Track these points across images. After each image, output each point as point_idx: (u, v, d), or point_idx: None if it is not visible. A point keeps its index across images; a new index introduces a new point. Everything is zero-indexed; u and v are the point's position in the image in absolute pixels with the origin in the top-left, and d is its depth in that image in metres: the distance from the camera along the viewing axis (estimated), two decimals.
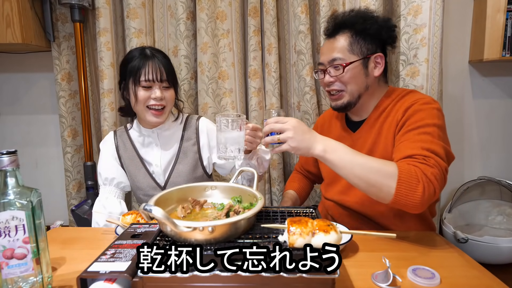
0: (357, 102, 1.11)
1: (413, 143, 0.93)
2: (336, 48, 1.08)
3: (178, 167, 1.29)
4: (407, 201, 0.85)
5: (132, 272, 0.63)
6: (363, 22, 1.08)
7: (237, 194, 0.89)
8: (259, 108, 1.82)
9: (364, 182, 0.88)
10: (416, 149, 0.91)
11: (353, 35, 1.08)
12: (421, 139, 0.94)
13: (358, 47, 1.08)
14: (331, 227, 0.63)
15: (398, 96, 1.10)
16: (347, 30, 1.09)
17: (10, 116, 2.13)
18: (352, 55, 1.07)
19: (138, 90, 1.19)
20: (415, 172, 0.86)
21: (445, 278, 0.74)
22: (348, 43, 1.08)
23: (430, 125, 0.96)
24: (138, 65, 1.18)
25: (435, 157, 0.89)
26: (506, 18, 1.75)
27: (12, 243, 0.66)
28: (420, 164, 0.87)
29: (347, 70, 1.07)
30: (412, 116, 1.00)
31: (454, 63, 1.98)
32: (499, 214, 1.96)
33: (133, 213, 1.01)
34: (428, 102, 1.02)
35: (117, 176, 1.29)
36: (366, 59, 1.08)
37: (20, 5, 1.67)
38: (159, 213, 0.62)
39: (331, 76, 1.10)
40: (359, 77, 1.09)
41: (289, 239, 0.62)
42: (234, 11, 1.76)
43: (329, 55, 1.10)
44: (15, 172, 0.67)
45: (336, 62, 1.08)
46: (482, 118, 2.04)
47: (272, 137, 0.93)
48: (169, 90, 1.23)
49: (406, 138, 0.97)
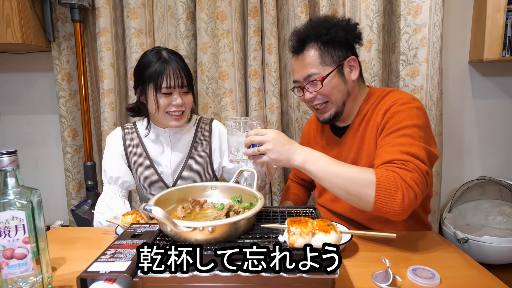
0: (343, 110, 1.09)
1: (392, 147, 0.92)
2: (308, 64, 1.06)
3: (187, 169, 1.27)
4: (387, 209, 0.84)
5: (132, 272, 0.63)
6: (327, 32, 1.05)
7: (237, 194, 0.89)
8: (259, 108, 1.82)
9: (344, 192, 0.87)
10: (395, 153, 0.90)
11: (320, 47, 1.05)
12: (400, 142, 0.92)
13: (329, 57, 1.05)
14: (331, 227, 0.63)
15: (378, 98, 1.08)
16: (313, 42, 1.06)
17: (10, 116, 2.13)
18: (326, 67, 1.05)
19: (159, 97, 1.16)
20: (393, 178, 0.84)
21: (445, 278, 0.74)
22: (318, 56, 1.05)
23: (409, 127, 0.94)
24: (159, 71, 1.13)
25: (414, 161, 0.87)
26: (506, 18, 1.75)
27: (12, 243, 0.66)
28: (399, 170, 0.86)
29: (326, 83, 1.05)
30: (391, 118, 0.98)
31: (454, 63, 1.98)
32: (499, 214, 1.96)
33: (133, 213, 1.01)
34: (406, 102, 1.00)
35: (122, 175, 1.25)
36: (340, 67, 1.06)
37: (20, 5, 1.67)
38: (159, 213, 0.62)
39: (311, 92, 1.07)
40: (339, 85, 1.06)
41: (289, 239, 0.62)
42: (234, 11, 1.76)
43: (302, 72, 1.07)
44: (15, 172, 0.67)
45: (312, 78, 1.05)
46: (482, 118, 2.04)
47: (253, 149, 0.93)
48: (188, 94, 1.20)
49: (386, 142, 0.95)
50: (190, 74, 1.21)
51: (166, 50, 1.21)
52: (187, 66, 1.21)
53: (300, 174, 1.41)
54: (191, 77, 1.21)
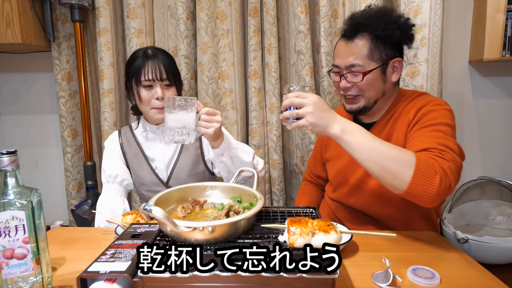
0: (372, 106, 1.08)
1: (427, 138, 0.91)
2: (355, 53, 1.03)
3: (180, 163, 1.30)
4: (422, 191, 0.81)
5: (132, 272, 0.63)
6: (385, 28, 1.01)
7: (237, 194, 0.89)
8: (259, 108, 1.82)
9: (380, 167, 0.84)
10: (431, 143, 0.89)
11: (373, 40, 1.02)
12: (435, 135, 0.92)
13: (378, 53, 1.03)
14: (331, 227, 0.63)
15: (409, 98, 1.08)
16: (367, 33, 1.02)
17: (10, 116, 2.13)
18: (372, 62, 1.02)
19: (140, 90, 1.21)
20: (432, 163, 0.83)
21: (445, 278, 0.74)
22: (368, 49, 1.02)
23: (442, 124, 0.95)
24: (139, 65, 1.20)
25: (450, 152, 0.87)
26: (506, 18, 1.75)
27: (12, 243, 0.66)
28: (437, 157, 0.85)
29: (366, 78, 1.02)
30: (425, 115, 0.98)
31: (454, 63, 1.98)
32: (499, 214, 1.96)
33: (133, 213, 1.01)
34: (440, 103, 1.01)
35: (121, 173, 1.29)
36: (385, 65, 1.04)
37: (20, 5, 1.67)
38: (159, 213, 0.62)
39: (348, 81, 1.05)
40: (377, 84, 1.05)
41: (289, 239, 0.62)
42: (234, 11, 1.76)
43: (346, 59, 1.04)
44: (15, 172, 0.67)
45: (354, 69, 1.03)
46: (482, 118, 2.04)
47: (291, 112, 0.89)
48: (171, 88, 1.23)
49: (419, 134, 0.94)
50: (175, 69, 1.25)
51: (153, 48, 1.26)
52: (173, 61, 1.25)
53: (316, 171, 1.38)
54: (175, 72, 1.25)
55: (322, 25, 1.69)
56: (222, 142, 1.11)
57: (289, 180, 1.96)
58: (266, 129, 1.87)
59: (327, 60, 1.72)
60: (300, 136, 1.81)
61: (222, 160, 1.15)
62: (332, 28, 1.71)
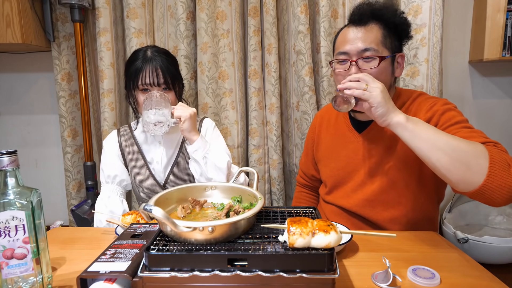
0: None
1: (468, 133, 0.86)
2: (369, 37, 0.98)
3: (178, 165, 1.30)
4: (500, 185, 0.74)
5: (132, 272, 0.63)
6: (394, 15, 1.00)
7: (237, 194, 0.89)
8: (259, 108, 1.82)
9: (450, 158, 0.77)
10: (479, 138, 0.83)
11: (385, 28, 1.00)
12: (472, 130, 0.88)
13: (390, 41, 1.00)
14: (331, 227, 0.63)
15: (409, 99, 1.06)
16: (380, 21, 1.00)
17: (10, 116, 2.13)
18: (385, 49, 0.99)
19: (137, 93, 1.20)
20: (503, 155, 0.77)
21: (445, 278, 0.74)
22: (381, 35, 0.99)
23: (465, 121, 0.93)
24: (138, 69, 1.17)
25: (500, 145, 0.83)
26: (506, 18, 1.76)
27: (12, 243, 0.66)
28: (498, 150, 0.80)
29: (381, 65, 0.98)
30: (443, 115, 0.95)
31: (454, 63, 1.98)
32: (499, 214, 1.96)
33: (133, 213, 1.01)
34: (447, 102, 1.00)
35: (120, 173, 1.28)
36: (393, 57, 1.02)
37: (20, 5, 1.67)
38: (159, 213, 0.62)
39: (360, 67, 0.99)
40: (387, 75, 1.01)
41: (289, 239, 0.62)
42: (234, 11, 1.76)
43: (360, 44, 0.98)
44: (15, 172, 0.67)
45: (369, 53, 0.97)
46: (482, 118, 2.04)
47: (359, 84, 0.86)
48: (169, 92, 1.21)
49: (453, 132, 0.88)
50: (174, 72, 1.22)
51: (154, 48, 1.23)
52: (172, 64, 1.23)
53: (309, 171, 1.33)
54: (174, 75, 1.22)
55: (322, 25, 1.69)
56: (198, 138, 1.15)
57: (289, 180, 1.96)
58: (266, 129, 1.87)
59: (327, 60, 1.72)
60: (300, 136, 1.81)
61: (195, 157, 1.16)
62: (332, 28, 1.71)
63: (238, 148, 1.85)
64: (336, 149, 1.17)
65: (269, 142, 1.86)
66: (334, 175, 1.17)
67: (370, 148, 1.08)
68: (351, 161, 1.12)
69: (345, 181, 1.14)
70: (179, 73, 1.28)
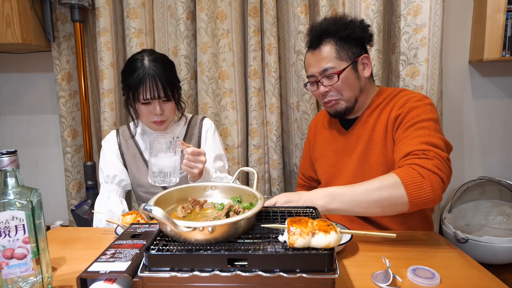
0: (355, 105, 1.13)
1: (411, 140, 0.96)
2: (325, 58, 1.09)
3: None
4: (422, 200, 0.85)
5: (132, 272, 0.63)
6: (345, 28, 1.09)
7: (237, 194, 0.89)
8: (259, 108, 1.82)
9: (377, 207, 0.88)
10: (415, 145, 0.94)
11: (337, 42, 1.09)
12: (419, 134, 0.96)
13: (345, 52, 1.09)
14: (331, 227, 0.63)
15: (390, 95, 1.12)
16: (330, 38, 1.10)
17: (10, 116, 2.13)
18: (342, 62, 1.09)
19: (138, 107, 1.20)
20: (415, 170, 0.87)
21: (445, 278, 0.74)
22: (335, 51, 1.09)
23: (426, 120, 0.99)
24: (137, 83, 1.15)
25: (434, 149, 0.91)
26: (506, 18, 1.75)
27: (12, 243, 0.66)
28: (419, 160, 0.89)
29: (341, 77, 1.08)
30: (408, 113, 1.02)
31: (454, 63, 1.98)
32: (499, 214, 1.96)
33: (133, 213, 1.01)
34: (420, 99, 1.05)
35: (119, 173, 1.29)
36: (355, 63, 1.10)
37: (20, 5, 1.67)
38: (159, 213, 0.62)
39: (325, 86, 1.10)
40: (353, 81, 1.10)
41: (289, 239, 0.62)
42: (234, 11, 1.76)
43: (319, 66, 1.10)
44: (15, 172, 0.67)
45: (328, 72, 1.09)
46: (482, 118, 2.04)
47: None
48: (168, 103, 1.21)
49: (405, 135, 0.99)
50: (171, 82, 1.20)
51: (150, 55, 1.19)
52: (169, 71, 1.21)
53: (308, 172, 1.39)
54: (172, 83, 1.20)
55: None
56: (201, 177, 1.15)
57: (289, 180, 1.96)
58: (266, 129, 1.87)
59: None
60: (300, 136, 1.81)
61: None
62: None
63: (238, 148, 1.85)
64: (328, 147, 1.24)
65: (269, 142, 1.86)
66: (327, 171, 1.23)
67: (355, 144, 1.14)
68: (340, 157, 1.19)
69: (336, 177, 1.19)
70: (177, 79, 1.26)
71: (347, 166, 1.16)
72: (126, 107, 1.26)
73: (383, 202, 0.87)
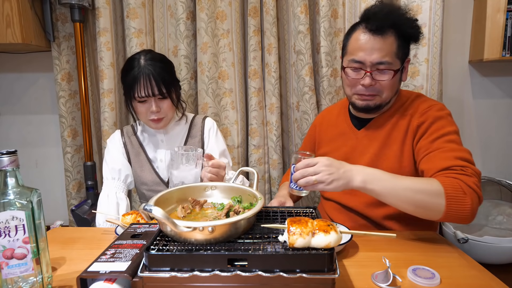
0: (385, 105, 1.08)
1: (445, 153, 0.94)
2: (385, 49, 0.99)
3: None
4: (458, 215, 0.86)
5: (132, 272, 0.63)
6: (410, 26, 1.01)
7: (237, 194, 0.89)
8: (259, 108, 1.82)
9: (412, 205, 0.87)
10: (451, 159, 0.92)
11: (400, 38, 1.00)
12: (451, 148, 0.95)
13: (402, 51, 1.02)
14: (331, 227, 0.63)
15: (407, 100, 1.09)
16: (395, 31, 1.00)
17: (10, 116, 2.12)
18: (398, 60, 1.01)
19: (135, 105, 1.22)
20: (459, 185, 0.86)
21: (445, 278, 0.74)
22: (397, 47, 1.00)
23: (452, 133, 0.99)
24: (132, 81, 1.17)
25: (471, 166, 0.91)
26: (506, 18, 1.75)
27: (12, 243, 0.66)
28: (461, 176, 0.88)
29: (395, 77, 1.01)
30: (433, 124, 1.00)
31: (454, 63, 1.98)
32: (499, 214, 1.96)
33: (133, 213, 1.01)
34: (441, 108, 1.04)
35: (124, 168, 1.30)
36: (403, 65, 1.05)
37: (20, 5, 1.67)
38: (159, 213, 0.62)
39: (374, 79, 1.01)
40: (397, 83, 1.05)
41: (289, 239, 0.62)
42: (234, 11, 1.76)
43: (375, 55, 0.99)
44: (15, 172, 0.67)
45: (383, 66, 1.00)
46: (482, 118, 2.04)
47: (307, 180, 0.88)
48: (165, 100, 1.22)
49: (435, 147, 0.97)
50: (168, 79, 1.21)
51: (147, 55, 1.21)
52: (166, 70, 1.21)
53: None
54: (169, 82, 1.21)
55: (322, 25, 1.69)
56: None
57: None
58: (266, 129, 1.87)
59: (327, 60, 1.72)
60: (300, 136, 1.81)
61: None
62: (332, 28, 1.71)
63: (238, 148, 1.85)
64: (336, 146, 1.20)
65: (269, 142, 1.86)
66: None
67: (368, 145, 1.11)
68: (350, 157, 1.14)
69: None
70: (174, 78, 1.27)
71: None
72: (126, 106, 1.27)
73: (419, 204, 0.87)
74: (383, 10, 1.02)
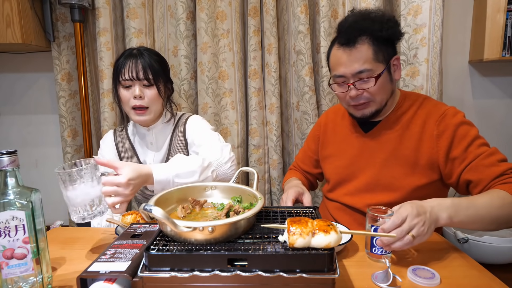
0: (383, 108, 1.07)
1: (487, 160, 0.95)
2: (361, 58, 0.99)
3: None
4: None
5: (132, 272, 0.63)
6: (382, 28, 1.00)
7: (237, 194, 0.89)
8: (259, 108, 1.82)
9: (495, 223, 0.88)
10: (497, 165, 0.94)
11: (374, 42, 1.00)
12: (488, 152, 0.97)
13: (381, 54, 1.01)
14: (331, 227, 0.63)
15: (415, 102, 1.08)
16: (367, 37, 1.00)
17: (10, 116, 2.12)
18: (379, 64, 1.01)
19: (120, 90, 1.20)
20: None
21: (445, 278, 0.74)
22: (372, 52, 1.00)
23: (478, 136, 1.00)
24: (121, 65, 1.18)
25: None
26: (506, 18, 1.75)
27: (12, 243, 0.66)
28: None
29: (378, 81, 1.00)
30: (457, 131, 1.00)
31: (454, 63, 1.98)
32: None
33: (133, 213, 1.00)
34: (457, 112, 1.04)
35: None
36: (388, 65, 1.03)
37: (20, 5, 1.67)
38: (159, 213, 0.62)
39: (358, 89, 1.02)
40: (387, 85, 1.04)
41: (289, 239, 0.62)
42: (234, 11, 1.76)
43: (353, 67, 1.00)
44: (15, 172, 0.67)
45: (363, 75, 1.00)
46: (482, 118, 2.04)
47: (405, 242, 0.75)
48: (151, 88, 1.19)
49: (473, 156, 0.97)
50: (157, 69, 1.20)
51: (141, 47, 1.23)
52: (158, 61, 1.21)
53: (305, 167, 1.37)
54: (158, 72, 1.20)
55: (322, 25, 1.69)
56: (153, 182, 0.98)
57: None
58: (266, 129, 1.87)
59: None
60: (300, 136, 1.81)
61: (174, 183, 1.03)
62: (332, 28, 1.71)
63: (238, 148, 1.85)
64: (342, 148, 1.19)
65: (269, 142, 1.86)
66: (338, 173, 1.19)
67: (376, 149, 1.10)
68: (356, 160, 1.14)
69: (349, 179, 1.15)
70: (165, 74, 1.26)
71: (364, 170, 1.11)
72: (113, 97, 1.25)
73: (501, 219, 0.87)
74: (347, 21, 1.05)
